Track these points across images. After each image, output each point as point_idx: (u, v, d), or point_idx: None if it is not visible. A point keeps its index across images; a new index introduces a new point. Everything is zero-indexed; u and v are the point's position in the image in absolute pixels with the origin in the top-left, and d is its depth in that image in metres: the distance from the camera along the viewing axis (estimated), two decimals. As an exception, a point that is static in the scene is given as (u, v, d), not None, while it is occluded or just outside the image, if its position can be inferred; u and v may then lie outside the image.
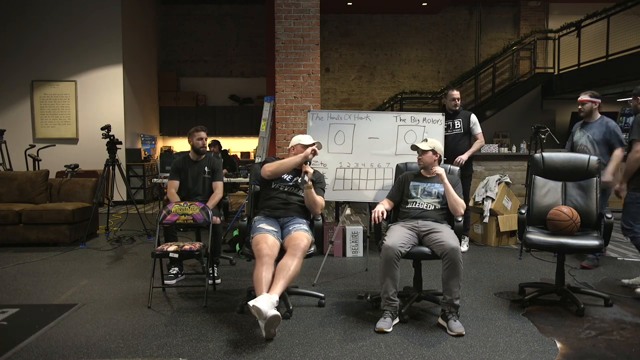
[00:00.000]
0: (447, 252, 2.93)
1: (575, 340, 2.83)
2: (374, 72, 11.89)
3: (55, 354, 2.62)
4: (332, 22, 11.67)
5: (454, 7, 11.63)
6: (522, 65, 11.27)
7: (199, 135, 4.28)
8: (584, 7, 10.09)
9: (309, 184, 3.33)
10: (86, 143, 8.73)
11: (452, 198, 3.24)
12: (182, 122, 11.12)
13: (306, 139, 3.56)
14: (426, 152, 3.34)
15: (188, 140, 4.34)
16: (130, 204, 6.46)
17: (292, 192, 3.47)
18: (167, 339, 2.83)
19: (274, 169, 3.42)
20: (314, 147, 3.45)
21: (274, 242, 3.11)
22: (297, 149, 3.50)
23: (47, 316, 3.16)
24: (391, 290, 2.98)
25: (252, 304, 2.66)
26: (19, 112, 8.79)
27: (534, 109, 10.77)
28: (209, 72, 11.65)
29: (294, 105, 6.65)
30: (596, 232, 3.37)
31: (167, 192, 4.31)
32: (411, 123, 4.23)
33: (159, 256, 3.39)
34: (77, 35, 8.76)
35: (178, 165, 4.28)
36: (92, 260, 4.76)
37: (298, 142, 3.53)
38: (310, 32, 6.65)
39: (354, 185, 4.25)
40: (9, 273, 4.27)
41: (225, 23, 11.63)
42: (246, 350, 2.67)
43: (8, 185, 5.62)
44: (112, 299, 3.55)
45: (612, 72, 8.53)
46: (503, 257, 4.86)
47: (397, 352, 2.65)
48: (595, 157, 3.56)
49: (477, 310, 3.31)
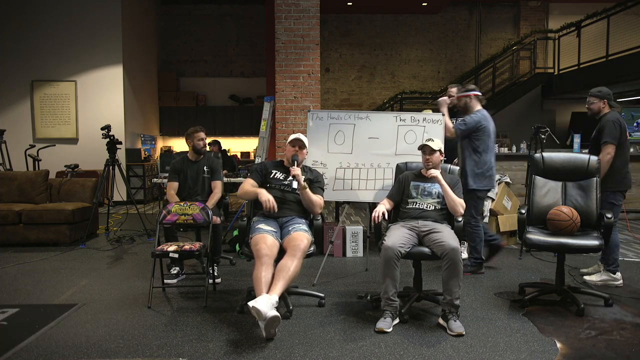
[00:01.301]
0: (447, 252, 2.92)
1: (575, 340, 2.83)
2: (374, 72, 11.89)
3: (55, 354, 2.62)
4: (332, 22, 11.67)
5: (454, 7, 11.63)
6: (522, 65, 11.27)
7: (199, 135, 4.28)
8: (584, 7, 10.09)
9: (302, 184, 3.32)
10: (86, 143, 8.73)
11: (450, 198, 3.24)
12: (182, 122, 11.11)
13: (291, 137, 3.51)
14: (435, 152, 3.33)
15: (187, 141, 4.33)
16: (130, 204, 6.46)
17: (287, 190, 3.45)
18: (167, 339, 2.83)
19: (240, 192, 3.52)
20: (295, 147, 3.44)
21: (273, 242, 3.11)
22: (286, 149, 3.51)
23: (47, 316, 3.16)
24: (391, 291, 2.98)
25: (252, 304, 2.66)
26: (19, 112, 8.79)
27: (534, 109, 10.77)
28: (209, 72, 11.65)
29: (294, 105, 6.65)
30: (596, 232, 3.37)
31: (166, 194, 4.32)
32: (411, 123, 4.23)
33: (159, 256, 3.39)
34: (77, 35, 8.76)
35: (177, 166, 4.28)
36: (92, 260, 4.76)
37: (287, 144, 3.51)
38: (310, 32, 6.65)
39: (353, 185, 4.25)
40: (9, 273, 4.27)
41: (225, 23, 11.63)
42: (246, 350, 2.67)
43: (8, 185, 5.62)
44: (112, 299, 3.55)
45: (612, 72, 8.53)
46: (503, 257, 4.85)
47: (397, 352, 2.65)
48: (595, 157, 3.56)
49: (477, 310, 3.31)
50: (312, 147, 4.21)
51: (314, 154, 4.23)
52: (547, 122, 5.15)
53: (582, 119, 10.46)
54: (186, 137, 4.34)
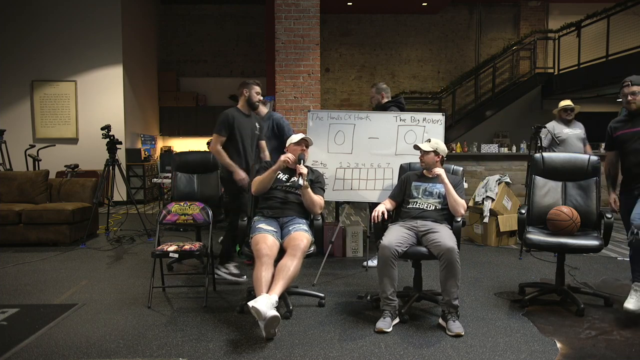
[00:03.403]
0: (444, 253, 2.92)
1: (575, 340, 2.83)
2: (374, 72, 11.89)
3: (55, 354, 2.62)
4: (332, 22, 11.67)
5: (454, 7, 11.62)
6: (522, 65, 11.27)
7: (257, 89, 3.88)
8: (584, 7, 10.09)
9: (305, 184, 3.31)
10: (86, 143, 8.73)
11: (452, 198, 3.24)
12: (182, 122, 11.13)
13: (296, 137, 3.50)
14: (428, 153, 3.34)
15: (240, 90, 3.89)
16: (130, 204, 6.46)
17: (289, 190, 3.46)
18: (167, 339, 2.83)
19: (257, 186, 3.43)
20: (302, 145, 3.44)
21: (273, 242, 3.11)
22: (290, 148, 3.48)
23: (47, 316, 3.16)
24: (389, 290, 2.98)
25: (252, 304, 2.66)
26: (19, 112, 8.78)
27: (534, 109, 10.77)
28: (209, 72, 11.65)
29: (294, 105, 6.66)
30: (596, 232, 3.37)
31: (211, 149, 3.87)
32: (411, 123, 4.22)
33: (159, 256, 3.39)
34: (77, 35, 8.76)
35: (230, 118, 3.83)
36: (92, 260, 4.76)
37: (289, 143, 3.50)
38: (310, 32, 6.66)
39: (353, 185, 4.25)
40: (9, 273, 4.27)
41: (225, 23, 11.63)
42: (246, 350, 2.67)
43: (8, 185, 5.62)
44: (112, 299, 3.55)
45: (612, 72, 8.53)
46: (503, 257, 4.86)
47: (397, 352, 2.65)
48: (595, 157, 3.55)
49: (477, 310, 3.31)
50: (312, 147, 4.20)
51: (314, 154, 4.23)
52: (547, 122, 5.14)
53: (582, 119, 10.46)
54: (240, 86, 3.90)
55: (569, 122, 5.36)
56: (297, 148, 3.44)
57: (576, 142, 5.27)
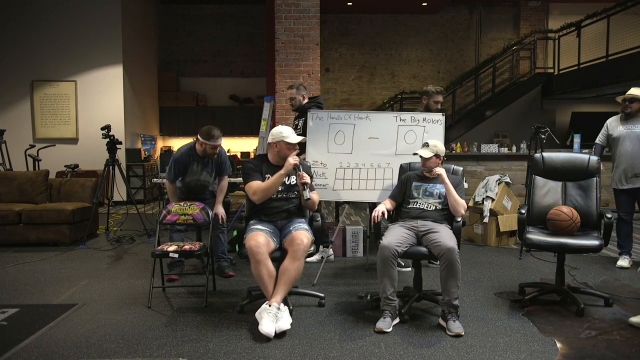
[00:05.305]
0: (444, 253, 2.92)
1: (575, 340, 2.83)
2: (374, 72, 11.89)
3: (55, 354, 2.62)
4: (332, 22, 11.66)
5: (453, 7, 11.62)
6: (522, 65, 11.26)
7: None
8: (584, 7, 10.08)
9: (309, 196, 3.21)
10: (86, 143, 8.73)
11: (452, 198, 3.24)
12: (182, 122, 11.12)
13: (288, 132, 3.28)
14: (429, 159, 3.33)
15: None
16: (130, 204, 6.46)
17: (287, 197, 3.36)
18: (167, 339, 2.83)
19: (261, 195, 3.23)
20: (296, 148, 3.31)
21: (265, 238, 3.07)
22: (281, 147, 3.28)
23: (47, 316, 3.16)
24: (389, 290, 2.98)
25: (259, 329, 2.79)
26: (19, 112, 8.78)
27: (534, 109, 10.76)
28: (209, 72, 11.65)
29: (294, 105, 6.63)
30: (596, 232, 3.37)
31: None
32: (411, 123, 4.22)
33: (159, 256, 3.40)
34: (77, 35, 8.75)
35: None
36: (92, 260, 4.76)
37: (281, 139, 3.26)
38: (310, 32, 6.66)
39: (353, 185, 4.25)
40: (9, 273, 4.27)
41: (225, 23, 11.63)
42: (246, 350, 2.67)
43: (8, 185, 5.62)
44: (112, 299, 3.55)
45: (612, 72, 8.53)
46: (503, 257, 4.86)
47: (397, 352, 2.65)
48: (595, 157, 3.56)
49: (477, 310, 3.31)
50: (312, 147, 4.21)
51: (314, 154, 4.23)
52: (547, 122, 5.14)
53: (582, 119, 10.47)
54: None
55: (629, 117, 4.27)
56: (292, 149, 3.30)
57: (635, 143, 4.20)
